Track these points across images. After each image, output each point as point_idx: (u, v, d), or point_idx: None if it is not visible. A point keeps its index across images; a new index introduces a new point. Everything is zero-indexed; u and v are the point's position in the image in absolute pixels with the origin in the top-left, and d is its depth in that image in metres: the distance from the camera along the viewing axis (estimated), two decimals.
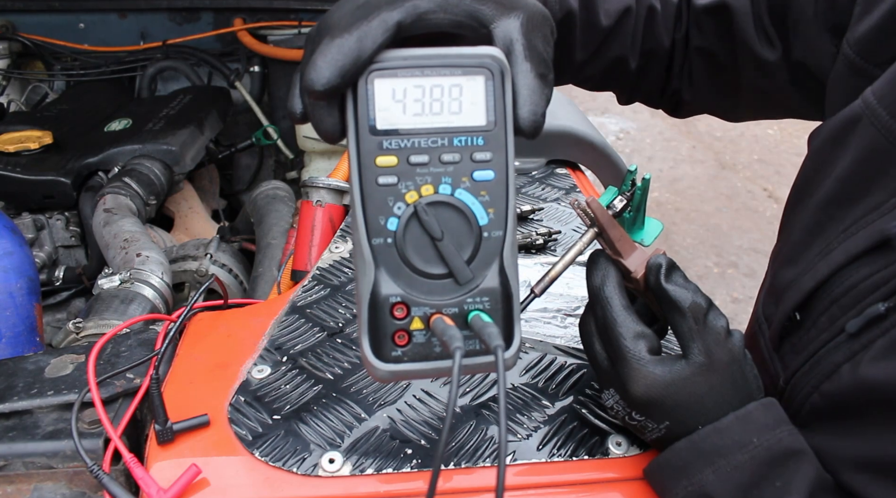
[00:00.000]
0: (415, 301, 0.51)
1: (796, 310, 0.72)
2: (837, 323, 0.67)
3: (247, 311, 0.94)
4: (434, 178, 0.51)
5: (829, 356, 0.67)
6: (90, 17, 2.23)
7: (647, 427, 0.65)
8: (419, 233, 0.51)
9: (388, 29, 0.50)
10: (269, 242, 1.61)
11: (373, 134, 0.51)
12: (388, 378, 0.52)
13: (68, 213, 1.62)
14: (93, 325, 1.07)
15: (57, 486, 0.72)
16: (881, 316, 0.61)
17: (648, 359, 0.63)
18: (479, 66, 0.52)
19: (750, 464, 0.60)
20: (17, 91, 2.17)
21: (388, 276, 0.51)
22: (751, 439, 0.61)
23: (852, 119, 0.67)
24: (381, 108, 0.51)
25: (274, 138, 2.12)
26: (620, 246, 0.67)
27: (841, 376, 0.64)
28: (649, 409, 0.64)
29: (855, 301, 0.65)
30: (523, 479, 0.68)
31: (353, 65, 0.49)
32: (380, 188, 0.51)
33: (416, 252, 0.51)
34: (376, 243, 0.51)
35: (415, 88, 0.51)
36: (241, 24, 2.22)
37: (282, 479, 0.67)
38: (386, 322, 0.51)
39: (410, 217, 0.51)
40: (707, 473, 0.61)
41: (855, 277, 0.65)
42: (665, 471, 0.64)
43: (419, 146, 0.51)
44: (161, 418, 0.69)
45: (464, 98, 0.52)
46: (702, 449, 0.62)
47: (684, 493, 0.62)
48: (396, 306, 0.51)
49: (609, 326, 0.65)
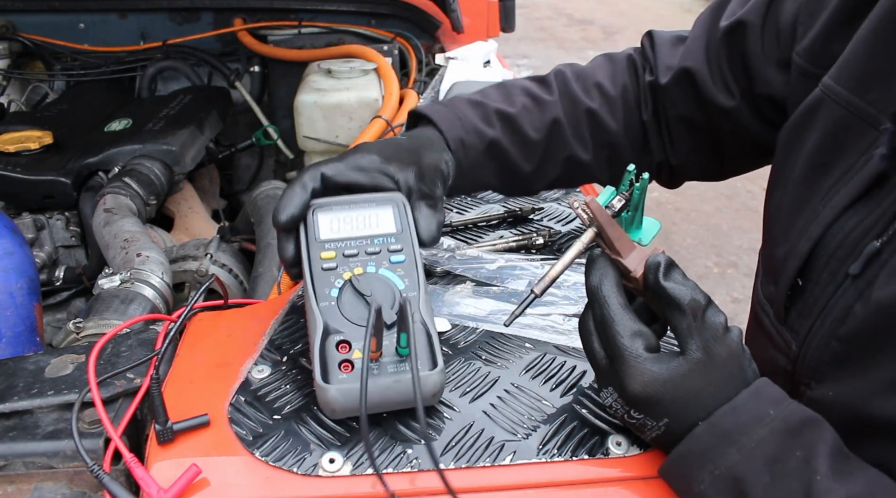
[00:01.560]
0: (354, 339, 0.71)
1: (798, 276, 0.77)
2: (839, 273, 0.71)
3: (247, 311, 0.94)
4: (363, 263, 0.75)
5: (839, 303, 0.71)
6: (90, 17, 2.22)
7: (646, 425, 0.65)
8: (354, 297, 0.73)
9: (316, 179, 0.79)
10: (269, 242, 1.61)
11: (317, 241, 0.77)
12: (337, 397, 0.68)
13: (68, 213, 1.62)
14: (93, 325, 1.07)
15: (57, 486, 0.72)
16: (878, 251, 0.67)
17: (646, 356, 0.63)
18: (388, 202, 0.80)
19: (771, 437, 0.60)
20: (17, 91, 2.17)
21: (333, 325, 0.71)
22: (767, 412, 0.61)
23: (813, 104, 0.78)
24: (322, 228, 0.78)
25: (274, 138, 2.12)
26: (619, 246, 0.67)
27: (854, 316, 0.68)
28: (648, 406, 0.64)
29: (851, 248, 0.70)
30: (523, 479, 0.68)
31: (301, 205, 0.78)
32: (324, 272, 0.74)
33: (351, 309, 0.72)
34: (323, 306, 0.72)
35: (346, 215, 0.79)
36: (241, 24, 2.22)
37: (282, 479, 0.67)
38: (333, 356, 0.70)
39: (345, 286, 0.73)
40: (732, 453, 0.60)
41: (847, 227, 0.71)
42: (686, 461, 0.63)
43: (350, 245, 0.77)
44: (161, 418, 0.69)
45: (379, 219, 0.79)
46: (722, 430, 0.61)
47: (710, 478, 0.61)
48: (340, 345, 0.70)
49: (607, 324, 0.65)
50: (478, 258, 1.00)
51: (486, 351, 0.84)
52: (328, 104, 1.79)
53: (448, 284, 0.96)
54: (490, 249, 1.04)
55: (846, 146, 0.73)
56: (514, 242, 1.05)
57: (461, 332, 0.87)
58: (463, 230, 1.11)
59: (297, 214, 0.78)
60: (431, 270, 0.98)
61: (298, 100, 1.80)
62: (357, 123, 1.79)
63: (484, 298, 0.92)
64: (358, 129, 1.74)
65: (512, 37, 5.67)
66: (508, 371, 0.80)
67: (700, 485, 0.62)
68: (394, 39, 2.15)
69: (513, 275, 0.96)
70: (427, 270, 0.98)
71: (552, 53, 7.62)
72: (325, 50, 2.09)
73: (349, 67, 1.86)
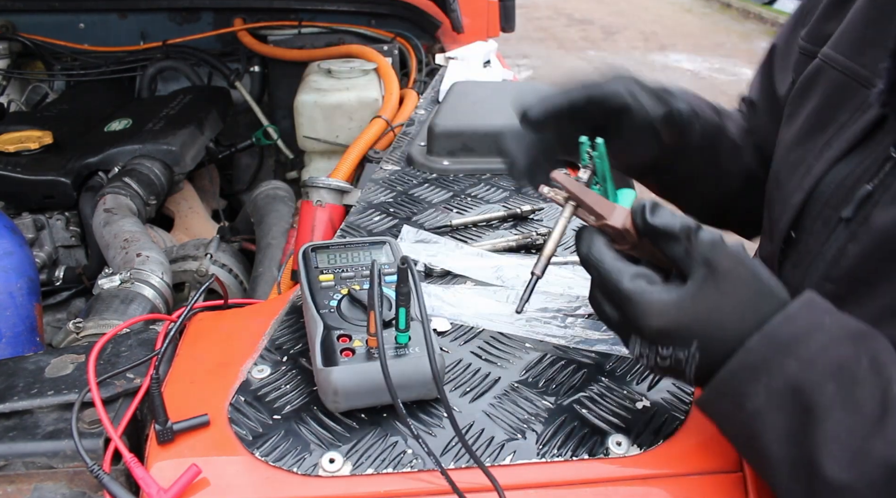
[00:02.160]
0: (354, 332, 0.75)
1: (791, 229, 0.79)
2: (832, 220, 0.73)
3: (247, 311, 0.94)
4: (359, 283, 0.82)
5: (832, 246, 0.72)
6: (90, 17, 2.23)
7: (681, 360, 0.62)
8: (351, 305, 0.78)
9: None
10: (269, 242, 1.61)
11: (316, 269, 0.84)
12: (341, 377, 0.70)
13: (68, 213, 1.62)
14: (93, 325, 1.07)
15: (57, 486, 0.72)
16: (870, 193, 0.69)
17: (650, 289, 0.62)
18: (382, 243, 0.89)
19: (832, 344, 0.58)
20: (17, 91, 2.17)
21: (332, 325, 0.76)
22: (822, 320, 0.59)
23: (812, 73, 0.84)
24: (321, 260, 0.86)
25: (274, 138, 2.12)
26: (600, 209, 0.67)
27: (847, 256, 0.70)
28: (671, 335, 0.61)
29: (844, 195, 0.73)
30: (523, 479, 0.68)
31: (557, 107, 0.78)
32: (322, 290, 0.81)
33: (350, 314, 0.78)
34: (322, 312, 0.78)
35: (342, 254, 0.87)
36: (241, 24, 2.23)
37: (282, 479, 0.67)
38: (335, 345, 0.73)
39: (343, 298, 0.79)
40: (790, 363, 0.57)
41: (840, 176, 0.74)
42: (737, 376, 0.59)
43: (347, 270, 0.84)
44: (161, 418, 0.69)
45: (373, 255, 0.87)
46: (778, 339, 0.58)
47: (767, 392, 0.58)
48: (341, 338, 0.74)
49: (606, 278, 0.64)
50: (477, 258, 1.00)
51: (486, 351, 0.84)
52: (328, 104, 1.79)
53: (448, 283, 0.96)
54: (490, 248, 1.04)
55: (841, 106, 0.77)
56: (514, 242, 1.05)
57: (461, 332, 0.87)
58: (463, 230, 1.11)
59: (554, 110, 0.76)
60: (431, 270, 0.99)
61: (298, 100, 1.80)
62: (357, 123, 1.80)
63: (484, 297, 0.92)
64: (358, 129, 1.74)
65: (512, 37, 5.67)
66: (508, 371, 0.80)
67: (756, 401, 0.58)
68: (394, 39, 2.15)
69: (513, 275, 0.96)
70: (427, 270, 0.99)
71: (552, 53, 7.62)
72: (325, 50, 2.09)
73: (349, 67, 1.86)
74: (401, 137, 1.50)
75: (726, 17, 9.72)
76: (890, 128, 0.71)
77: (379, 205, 1.19)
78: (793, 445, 0.57)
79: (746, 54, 7.80)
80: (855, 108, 0.75)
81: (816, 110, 0.81)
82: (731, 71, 7.20)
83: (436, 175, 1.31)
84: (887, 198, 0.68)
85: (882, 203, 0.69)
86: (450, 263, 0.99)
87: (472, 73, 1.87)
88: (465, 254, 1.01)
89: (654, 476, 0.68)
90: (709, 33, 8.81)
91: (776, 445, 0.58)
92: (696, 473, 0.68)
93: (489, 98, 1.52)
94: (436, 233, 1.08)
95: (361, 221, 1.14)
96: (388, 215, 1.16)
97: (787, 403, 0.57)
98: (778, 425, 0.57)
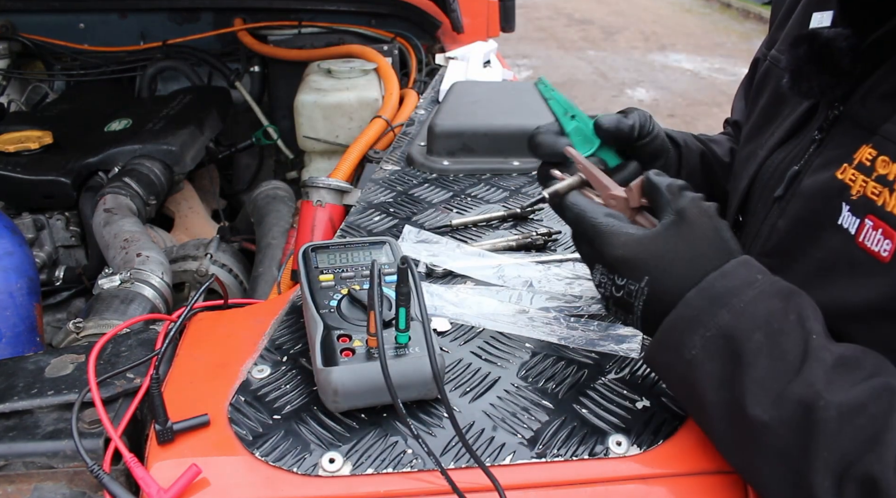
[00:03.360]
0: (354, 332, 0.75)
1: (739, 213, 0.88)
2: (768, 200, 0.80)
3: (247, 311, 0.94)
4: (359, 283, 0.82)
5: (766, 225, 0.80)
6: (90, 18, 2.23)
7: (631, 292, 0.67)
8: (351, 305, 0.78)
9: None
10: (269, 242, 1.61)
11: (316, 269, 0.84)
12: (341, 377, 0.70)
13: (68, 213, 1.62)
14: (93, 325, 1.07)
15: (57, 486, 0.72)
16: (797, 173, 0.77)
17: (619, 224, 0.70)
18: (382, 243, 0.89)
19: (761, 297, 0.62)
20: (17, 91, 2.17)
21: (332, 325, 0.76)
22: (755, 277, 0.64)
23: (762, 75, 0.94)
24: (321, 261, 0.86)
25: (274, 138, 2.12)
26: (606, 181, 0.76)
27: (778, 230, 0.77)
28: (628, 266, 0.67)
29: (779, 178, 0.79)
30: (523, 479, 0.68)
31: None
32: (322, 290, 0.81)
33: (350, 314, 0.78)
34: (322, 312, 0.78)
35: (341, 254, 0.87)
36: (241, 24, 2.23)
37: (282, 479, 0.67)
38: (335, 345, 0.73)
39: (343, 298, 0.79)
40: (723, 314, 0.62)
41: (776, 161, 0.82)
42: (676, 327, 0.64)
43: (347, 270, 0.84)
44: (161, 418, 0.69)
45: (373, 255, 0.88)
46: (713, 293, 0.63)
47: (702, 341, 0.62)
48: (341, 338, 0.74)
49: (582, 217, 0.72)
50: (478, 258, 1.00)
51: (486, 351, 0.84)
52: (328, 104, 1.79)
53: (448, 283, 0.96)
54: (490, 248, 1.04)
55: (785, 102, 0.85)
56: (514, 242, 1.05)
57: (461, 332, 0.87)
58: (463, 229, 1.11)
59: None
60: (431, 271, 0.99)
61: (298, 100, 1.80)
62: (357, 123, 1.80)
63: (484, 297, 0.92)
64: (358, 129, 1.74)
65: (512, 37, 5.67)
66: (508, 371, 0.80)
67: (692, 350, 0.63)
68: (394, 39, 2.15)
69: (513, 275, 0.96)
70: (427, 270, 0.99)
71: (552, 53, 7.62)
72: (325, 50, 2.09)
73: (349, 67, 1.86)
74: (401, 137, 1.50)
75: (726, 17, 9.72)
76: (819, 116, 0.78)
77: (379, 205, 1.19)
78: (725, 390, 0.61)
79: (746, 54, 7.80)
80: (796, 102, 0.82)
81: (765, 107, 0.90)
82: (731, 71, 7.20)
83: (436, 175, 1.31)
84: (810, 172, 0.75)
85: (805, 177, 0.75)
86: (451, 262, 0.99)
87: (472, 73, 1.87)
88: (466, 254, 1.01)
89: (654, 476, 0.68)
90: (709, 33, 8.81)
91: (711, 391, 0.62)
92: (696, 473, 0.68)
93: (489, 98, 1.52)
94: (436, 233, 1.08)
95: (361, 221, 1.14)
96: (388, 215, 1.16)
97: (719, 351, 0.62)
98: (712, 372, 0.62)
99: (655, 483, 0.68)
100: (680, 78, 6.98)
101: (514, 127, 1.35)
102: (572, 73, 6.83)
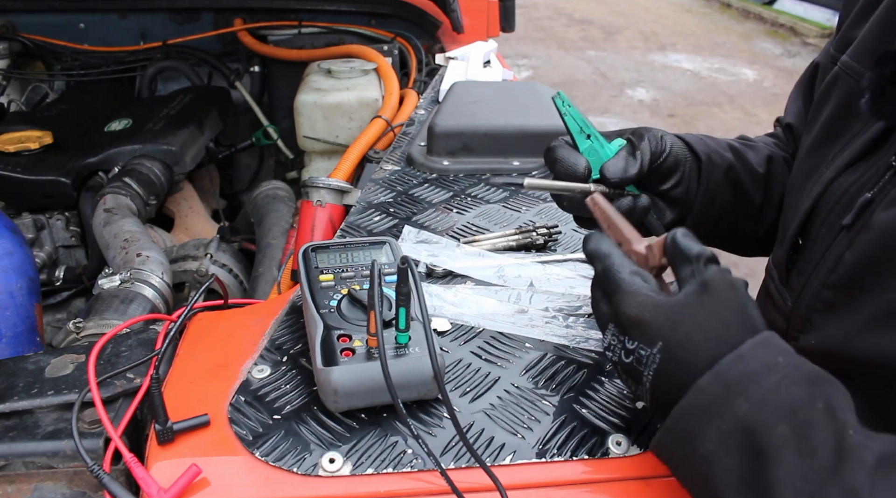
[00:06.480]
0: (354, 332, 0.75)
1: (799, 235, 0.81)
2: (835, 227, 0.74)
3: (247, 311, 0.94)
4: (359, 283, 0.82)
5: (832, 254, 0.73)
6: (90, 17, 2.23)
7: (641, 358, 0.61)
8: (351, 305, 0.79)
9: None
10: (269, 242, 1.62)
11: (316, 269, 0.85)
12: (341, 377, 0.70)
13: (68, 213, 1.62)
14: (93, 325, 1.07)
15: (57, 486, 0.72)
16: (869, 201, 0.71)
17: (641, 284, 0.65)
18: (382, 243, 0.90)
19: (784, 384, 0.55)
20: (17, 91, 2.17)
21: (332, 325, 0.76)
22: (776, 360, 0.57)
23: (831, 80, 0.85)
24: (321, 261, 0.86)
25: (274, 138, 2.12)
26: (628, 234, 0.71)
27: (844, 263, 0.70)
28: (641, 328, 0.61)
29: (848, 203, 0.74)
30: (523, 479, 0.68)
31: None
32: (322, 290, 0.81)
33: (350, 314, 0.78)
34: (323, 312, 0.78)
35: (342, 254, 0.88)
36: (241, 24, 2.23)
37: (282, 479, 0.67)
38: (335, 345, 0.74)
39: (343, 298, 0.79)
40: (740, 404, 0.55)
41: (845, 184, 0.75)
42: (689, 417, 0.57)
43: (347, 270, 0.85)
44: (161, 418, 0.69)
45: (373, 255, 0.88)
46: (728, 378, 0.56)
47: (718, 434, 0.55)
48: (341, 338, 0.75)
49: (608, 269, 0.67)
50: (478, 258, 1.00)
51: (487, 351, 0.84)
52: (328, 104, 1.79)
53: (448, 284, 0.96)
54: (490, 248, 1.04)
55: (855, 115, 0.77)
56: (514, 242, 1.05)
57: (461, 332, 0.87)
58: (463, 229, 1.11)
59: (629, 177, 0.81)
60: (431, 271, 0.98)
61: (298, 100, 1.80)
62: (357, 123, 1.80)
63: (484, 297, 0.92)
64: (358, 129, 1.74)
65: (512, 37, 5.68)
66: (508, 371, 0.80)
67: (707, 444, 0.56)
68: (394, 39, 2.15)
69: (513, 275, 0.96)
70: (427, 270, 0.99)
71: (552, 53, 7.62)
72: (325, 50, 2.09)
73: (349, 67, 1.86)
74: (401, 137, 1.50)
75: (726, 17, 9.72)
76: (895, 138, 0.71)
77: (379, 205, 1.19)
78: (746, 489, 0.54)
79: (746, 54, 7.81)
80: (867, 119, 0.75)
81: (832, 118, 0.82)
82: (731, 71, 7.20)
83: (436, 175, 1.31)
84: (885, 203, 0.68)
85: (880, 209, 0.69)
86: (451, 263, 0.99)
87: (472, 73, 1.87)
88: (466, 254, 1.01)
89: (654, 476, 0.68)
90: (709, 33, 8.81)
91: (729, 489, 0.55)
92: None
93: (489, 98, 1.52)
94: (437, 233, 1.08)
95: (361, 221, 1.14)
96: (388, 215, 1.16)
97: (738, 446, 0.55)
98: (730, 469, 0.55)
99: (655, 483, 0.68)
100: (680, 78, 6.98)
101: (514, 127, 1.35)
102: (572, 73, 6.83)
